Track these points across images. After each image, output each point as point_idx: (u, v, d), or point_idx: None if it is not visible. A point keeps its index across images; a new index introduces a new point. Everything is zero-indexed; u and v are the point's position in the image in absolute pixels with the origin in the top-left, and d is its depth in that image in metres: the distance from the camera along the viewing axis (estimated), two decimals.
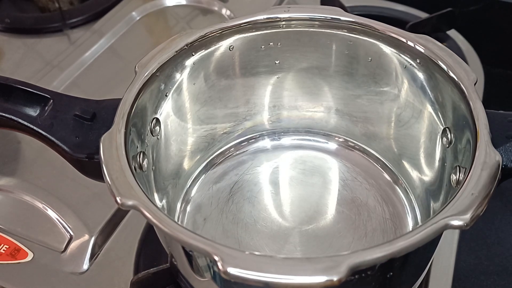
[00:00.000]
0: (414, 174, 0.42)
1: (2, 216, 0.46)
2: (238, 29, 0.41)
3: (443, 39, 0.64)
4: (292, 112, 0.47)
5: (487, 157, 0.30)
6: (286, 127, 0.47)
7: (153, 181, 0.38)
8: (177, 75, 0.39)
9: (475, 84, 0.34)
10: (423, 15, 0.67)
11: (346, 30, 0.41)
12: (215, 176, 0.45)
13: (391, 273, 0.31)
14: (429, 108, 0.39)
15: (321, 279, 0.25)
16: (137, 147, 0.35)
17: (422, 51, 0.37)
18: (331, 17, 0.40)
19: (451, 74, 0.35)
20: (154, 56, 0.37)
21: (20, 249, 0.44)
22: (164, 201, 0.39)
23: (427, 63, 0.37)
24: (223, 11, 0.68)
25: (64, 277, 0.42)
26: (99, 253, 0.44)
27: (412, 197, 0.42)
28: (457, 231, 0.46)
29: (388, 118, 0.43)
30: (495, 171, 0.29)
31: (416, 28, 0.63)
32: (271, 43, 0.42)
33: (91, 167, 0.33)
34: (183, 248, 0.32)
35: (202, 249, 0.26)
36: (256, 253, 0.26)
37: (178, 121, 0.41)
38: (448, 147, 0.37)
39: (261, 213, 0.42)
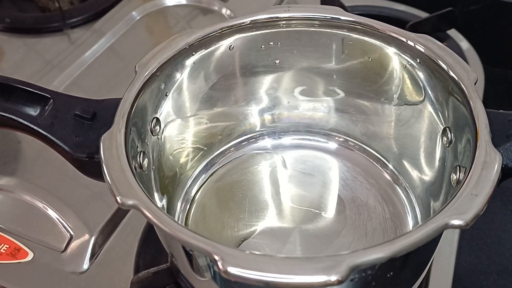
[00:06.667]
0: (414, 173, 0.42)
1: (2, 215, 0.46)
2: (238, 29, 0.41)
3: (443, 38, 0.64)
4: (292, 111, 0.47)
5: (487, 156, 0.30)
6: (286, 127, 0.47)
7: (153, 181, 0.38)
8: (177, 75, 0.39)
9: (475, 83, 0.34)
10: (423, 14, 0.67)
11: (346, 30, 0.41)
12: (215, 175, 0.45)
13: (391, 273, 0.31)
14: (429, 107, 0.39)
15: (321, 278, 0.25)
16: (137, 146, 0.35)
17: (422, 50, 0.37)
18: (331, 17, 0.40)
19: (451, 74, 0.35)
20: (154, 55, 0.37)
21: (20, 249, 0.44)
22: (164, 200, 0.39)
23: (427, 63, 0.37)
24: (223, 10, 0.68)
25: (64, 277, 0.42)
26: (99, 253, 0.44)
27: (412, 197, 0.42)
28: (457, 231, 0.46)
29: (388, 118, 0.43)
30: (495, 171, 0.29)
31: (416, 27, 0.63)
32: (271, 43, 0.42)
33: (91, 166, 0.33)
34: (183, 247, 0.32)
35: (202, 248, 0.26)
36: (256, 252, 0.26)
37: (178, 120, 0.41)
38: (448, 146, 0.37)
39: (261, 212, 0.42)
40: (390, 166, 0.44)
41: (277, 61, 0.43)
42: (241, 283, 0.25)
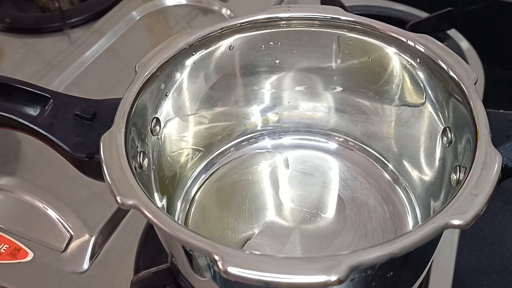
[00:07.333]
0: (414, 173, 0.42)
1: (2, 215, 0.46)
2: (238, 29, 0.41)
3: (443, 38, 0.64)
4: (292, 111, 0.47)
5: (487, 156, 0.30)
6: (286, 127, 0.47)
7: (153, 181, 0.38)
8: (177, 75, 0.39)
9: (475, 83, 0.34)
10: (423, 14, 0.67)
11: (346, 30, 0.41)
12: (215, 175, 0.45)
13: (391, 273, 0.31)
14: (429, 107, 0.39)
15: (321, 278, 0.25)
16: (138, 146, 0.35)
17: (422, 50, 0.37)
18: (331, 17, 0.40)
19: (451, 74, 0.35)
20: (154, 55, 0.37)
21: (20, 249, 0.44)
22: (164, 200, 0.39)
23: (427, 63, 0.37)
24: (223, 10, 0.68)
25: (64, 277, 0.42)
26: (99, 253, 0.44)
27: (412, 197, 0.42)
28: (457, 231, 0.46)
29: (388, 118, 0.43)
30: (495, 171, 0.29)
31: (417, 27, 0.63)
32: (271, 43, 0.42)
33: (91, 166, 0.33)
34: (183, 247, 0.32)
35: (203, 248, 0.26)
36: (256, 252, 0.26)
37: (178, 120, 0.41)
38: (448, 146, 0.37)
39: (261, 212, 0.42)
40: (390, 166, 0.44)
41: (277, 61, 0.43)
42: (241, 283, 0.25)
